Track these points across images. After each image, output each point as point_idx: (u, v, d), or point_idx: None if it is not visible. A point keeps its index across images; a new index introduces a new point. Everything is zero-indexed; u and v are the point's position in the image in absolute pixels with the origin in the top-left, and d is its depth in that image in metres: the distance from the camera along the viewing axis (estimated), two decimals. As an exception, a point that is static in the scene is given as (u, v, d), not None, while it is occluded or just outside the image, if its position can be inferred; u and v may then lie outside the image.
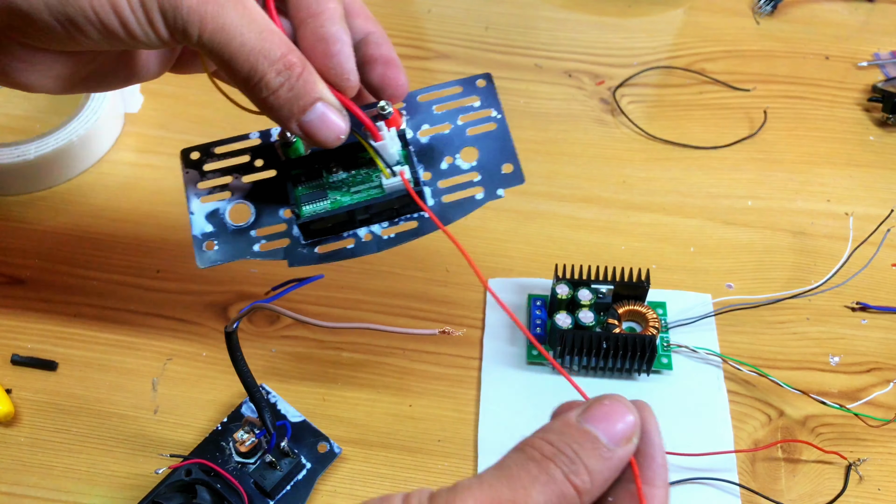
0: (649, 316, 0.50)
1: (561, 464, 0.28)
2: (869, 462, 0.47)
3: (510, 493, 0.27)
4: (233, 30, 0.34)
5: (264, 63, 0.35)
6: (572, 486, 0.27)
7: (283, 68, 0.35)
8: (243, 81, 0.35)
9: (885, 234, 0.55)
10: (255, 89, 0.35)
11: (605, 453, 0.28)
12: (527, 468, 0.28)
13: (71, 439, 0.47)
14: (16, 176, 0.57)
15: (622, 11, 0.74)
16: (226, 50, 0.34)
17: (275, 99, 0.36)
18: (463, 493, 0.26)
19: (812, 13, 0.74)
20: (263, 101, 0.36)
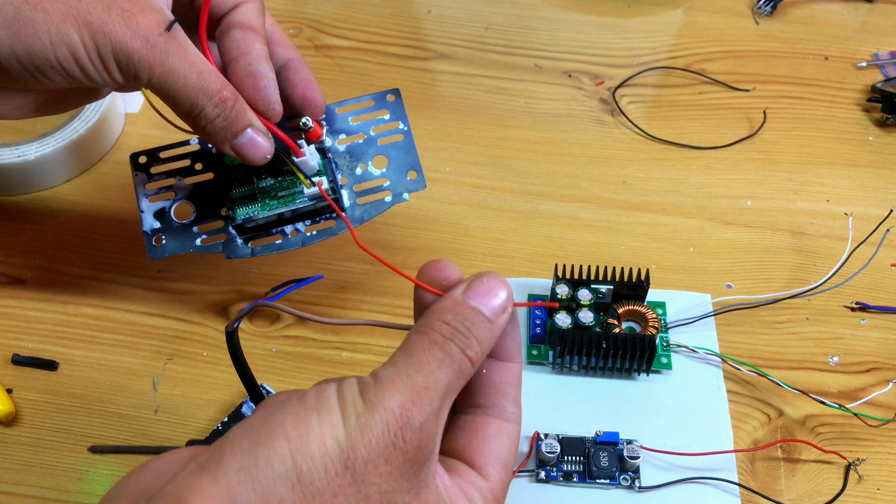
0: (649, 316, 0.50)
1: (458, 342, 0.32)
2: (868, 462, 0.47)
3: (423, 380, 0.31)
4: (177, 73, 0.39)
5: (203, 98, 0.40)
6: (468, 360, 0.32)
7: (219, 102, 0.41)
8: (186, 114, 0.41)
9: (885, 234, 0.55)
10: (196, 120, 0.41)
11: (489, 325, 0.33)
12: (432, 352, 0.32)
13: (71, 439, 0.47)
14: (16, 176, 0.57)
15: (622, 12, 0.74)
16: (171, 90, 0.40)
17: (212, 127, 0.42)
18: (389, 388, 0.31)
19: (811, 13, 0.74)
20: (202, 129, 0.42)
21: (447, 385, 0.32)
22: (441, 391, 0.31)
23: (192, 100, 0.40)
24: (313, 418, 0.30)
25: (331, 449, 0.29)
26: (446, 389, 0.32)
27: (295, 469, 0.29)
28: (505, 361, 0.36)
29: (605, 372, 0.50)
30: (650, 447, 0.46)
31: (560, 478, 0.46)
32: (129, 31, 0.38)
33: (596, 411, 0.49)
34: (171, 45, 0.39)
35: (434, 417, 0.31)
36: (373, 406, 0.30)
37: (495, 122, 0.64)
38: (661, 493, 0.46)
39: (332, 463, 0.29)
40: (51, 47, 0.37)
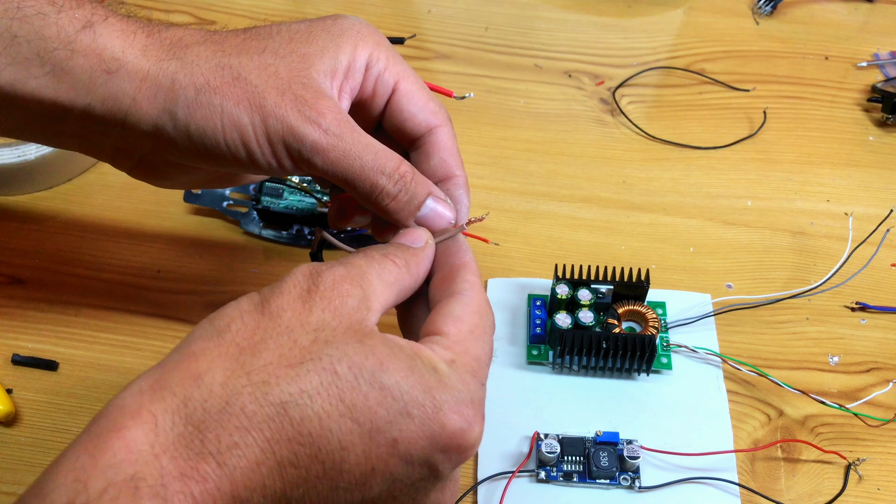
0: (649, 316, 0.50)
1: (394, 257, 0.37)
2: (868, 462, 0.47)
3: (343, 268, 0.34)
4: (352, 156, 0.38)
5: (382, 179, 0.39)
6: (390, 260, 0.36)
7: (399, 178, 0.39)
8: (366, 195, 0.39)
9: (885, 234, 0.55)
10: (378, 200, 0.40)
11: (413, 251, 0.38)
12: (371, 260, 0.36)
13: (71, 439, 0.47)
14: (16, 176, 0.57)
15: (622, 12, 0.74)
16: (348, 173, 0.39)
17: (395, 204, 0.40)
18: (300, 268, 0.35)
19: (811, 13, 0.74)
20: (385, 207, 0.40)
21: (363, 265, 0.35)
22: (355, 265, 0.35)
23: (372, 180, 0.39)
24: (230, 302, 0.34)
25: (245, 305, 0.33)
26: (362, 266, 0.35)
27: (212, 328, 0.32)
28: (453, 263, 0.39)
29: (605, 372, 0.50)
30: (650, 447, 0.46)
31: (560, 478, 0.46)
32: (302, 116, 0.37)
33: (596, 411, 0.49)
34: (346, 127, 0.38)
35: (347, 277, 0.34)
36: (283, 278, 0.34)
37: (495, 122, 0.64)
38: (661, 493, 0.46)
39: (246, 313, 0.32)
40: (221, 129, 0.38)
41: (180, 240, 0.56)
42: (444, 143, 0.42)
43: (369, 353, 0.32)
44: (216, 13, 0.72)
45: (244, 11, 0.72)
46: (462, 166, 0.43)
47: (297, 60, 0.39)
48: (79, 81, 0.38)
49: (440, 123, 0.42)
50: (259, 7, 0.73)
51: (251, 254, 0.56)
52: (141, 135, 0.39)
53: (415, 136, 0.42)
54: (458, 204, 0.42)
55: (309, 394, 0.30)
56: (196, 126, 0.38)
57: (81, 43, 0.37)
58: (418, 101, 0.42)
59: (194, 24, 0.71)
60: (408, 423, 0.31)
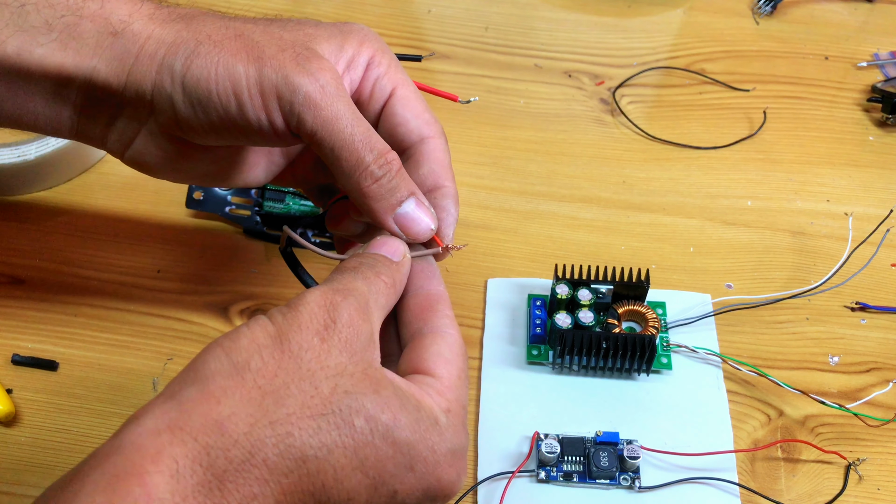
0: (649, 316, 0.50)
1: (367, 266, 0.37)
2: (868, 462, 0.47)
3: (341, 285, 0.35)
4: (343, 121, 0.37)
5: (369, 155, 0.38)
6: (380, 279, 0.36)
7: (385, 162, 0.38)
8: (348, 170, 0.38)
9: (885, 234, 0.55)
10: (360, 178, 0.38)
11: (390, 262, 0.38)
12: (346, 272, 0.36)
13: (71, 439, 0.47)
14: (16, 176, 0.57)
15: (622, 12, 0.74)
16: (336, 139, 0.37)
17: (377, 188, 0.38)
18: (310, 293, 0.34)
19: (811, 13, 0.74)
20: (366, 190, 0.38)
21: (366, 291, 0.35)
22: (361, 293, 0.35)
23: (358, 154, 0.38)
24: (242, 329, 0.32)
25: (261, 338, 0.32)
26: (366, 294, 0.35)
27: (230, 363, 0.31)
28: (428, 290, 0.39)
29: (605, 372, 0.50)
30: (650, 447, 0.46)
31: (560, 478, 0.46)
32: (299, 67, 0.37)
33: (596, 411, 0.49)
34: (342, 91, 0.38)
35: (360, 310, 0.34)
36: (296, 305, 0.33)
37: (495, 122, 0.64)
38: (661, 493, 0.46)
39: (265, 348, 0.32)
40: (214, 79, 0.37)
41: (180, 240, 0.56)
42: (436, 154, 0.42)
43: (385, 406, 0.32)
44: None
45: (244, 11, 0.72)
46: (453, 179, 0.42)
47: (303, 36, 0.39)
48: (85, 45, 0.38)
49: (433, 135, 0.42)
50: (259, 6, 0.73)
51: (251, 254, 0.56)
52: (140, 97, 0.38)
53: (407, 144, 0.42)
54: (445, 213, 0.41)
55: (328, 447, 0.30)
56: (191, 76, 0.37)
57: (89, 9, 0.38)
58: (413, 108, 0.42)
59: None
60: (409, 477, 0.32)
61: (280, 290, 0.54)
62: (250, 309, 0.53)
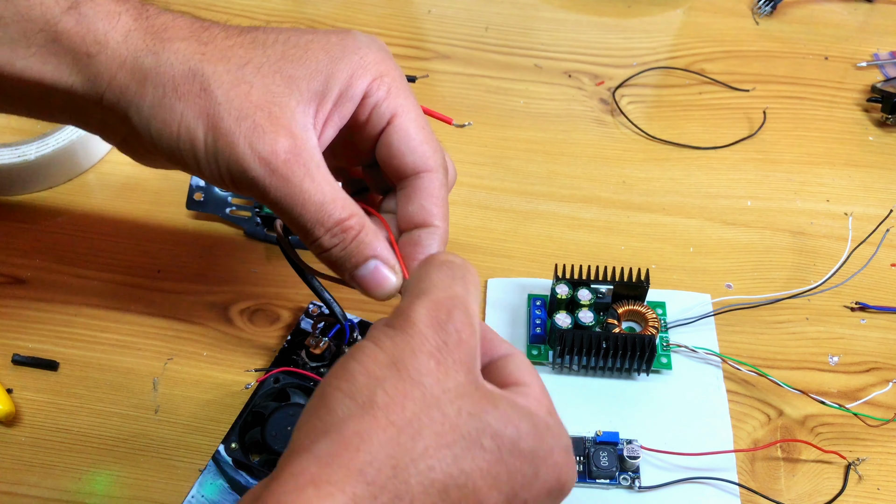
0: (649, 316, 0.50)
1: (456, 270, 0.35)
2: (868, 461, 0.47)
3: (442, 293, 0.33)
4: (292, 201, 0.38)
5: (319, 230, 0.38)
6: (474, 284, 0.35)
7: (339, 231, 0.38)
8: (302, 238, 0.39)
9: (885, 234, 0.55)
10: (312, 247, 0.39)
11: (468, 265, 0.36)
12: (441, 273, 0.34)
13: (71, 439, 0.47)
14: (16, 176, 0.57)
15: (622, 12, 0.74)
16: (286, 214, 0.38)
17: (327, 256, 0.39)
18: (413, 307, 0.32)
19: (811, 13, 0.74)
20: (319, 257, 0.40)
21: (465, 297, 0.33)
22: (462, 301, 0.33)
23: (307, 228, 0.38)
24: (351, 363, 0.31)
25: (377, 370, 0.31)
26: (466, 301, 0.33)
27: (356, 405, 0.30)
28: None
29: (605, 372, 0.50)
30: (650, 447, 0.46)
31: (560, 478, 0.46)
32: (250, 150, 0.37)
33: (596, 411, 0.49)
34: (294, 169, 0.37)
35: (467, 324, 0.32)
36: (403, 326, 0.32)
37: (495, 122, 0.64)
38: (661, 493, 0.46)
39: (385, 380, 0.30)
40: (177, 136, 0.38)
41: (180, 240, 0.56)
42: (429, 189, 0.40)
43: (506, 421, 0.31)
44: (216, 13, 0.72)
45: (244, 11, 0.72)
46: (444, 217, 0.41)
47: (279, 83, 0.38)
48: (62, 63, 0.38)
49: (429, 169, 0.40)
50: (259, 7, 0.73)
51: (251, 254, 0.56)
52: (116, 118, 0.39)
53: (401, 176, 0.41)
54: (425, 254, 0.40)
55: (467, 473, 0.30)
56: (156, 126, 0.38)
57: (65, 24, 0.37)
58: (411, 140, 0.40)
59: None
60: (536, 483, 0.32)
61: (280, 290, 0.54)
62: (250, 309, 0.53)
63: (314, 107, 0.39)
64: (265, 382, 0.47)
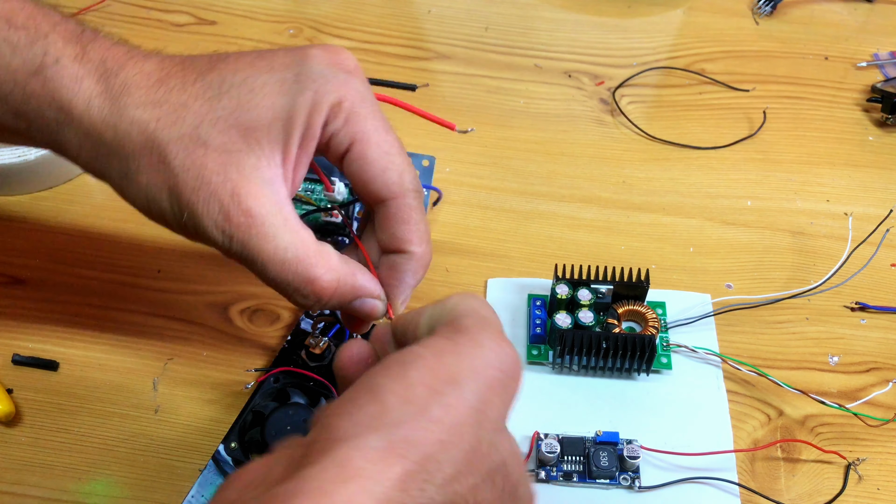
0: (649, 316, 0.50)
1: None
2: (868, 461, 0.47)
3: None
4: (258, 263, 0.38)
5: (290, 290, 0.38)
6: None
7: (311, 294, 0.38)
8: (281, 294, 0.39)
9: (885, 234, 0.55)
10: (291, 301, 0.39)
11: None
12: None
13: (71, 439, 0.47)
14: (16, 176, 0.57)
15: (622, 12, 0.74)
16: (256, 273, 0.39)
17: (305, 306, 0.40)
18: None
19: (811, 13, 0.74)
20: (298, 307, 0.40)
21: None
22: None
23: (276, 288, 0.38)
24: (408, 366, 0.31)
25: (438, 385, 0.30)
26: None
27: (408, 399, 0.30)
28: None
29: (605, 372, 0.50)
30: (650, 447, 0.46)
31: (560, 478, 0.46)
32: (209, 219, 0.37)
33: (596, 411, 0.49)
34: (252, 234, 0.37)
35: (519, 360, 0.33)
36: (469, 345, 0.31)
37: (495, 122, 0.64)
38: (661, 493, 0.46)
39: (444, 395, 0.30)
40: (147, 205, 0.38)
41: (180, 240, 0.55)
42: (398, 216, 0.40)
43: (516, 464, 0.32)
44: (216, 13, 0.72)
45: (244, 11, 0.72)
46: (420, 240, 0.40)
47: (236, 139, 0.37)
48: (34, 125, 0.38)
49: (394, 195, 0.39)
50: (259, 7, 0.73)
51: (251, 254, 0.56)
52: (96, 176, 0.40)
53: (371, 202, 0.40)
54: (398, 282, 0.40)
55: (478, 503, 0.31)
56: (128, 195, 0.39)
57: (33, 88, 0.37)
58: (371, 168, 0.39)
59: (194, 24, 0.71)
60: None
61: (280, 290, 0.54)
62: (250, 309, 0.53)
63: (279, 156, 0.38)
64: (265, 382, 0.47)
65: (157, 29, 0.70)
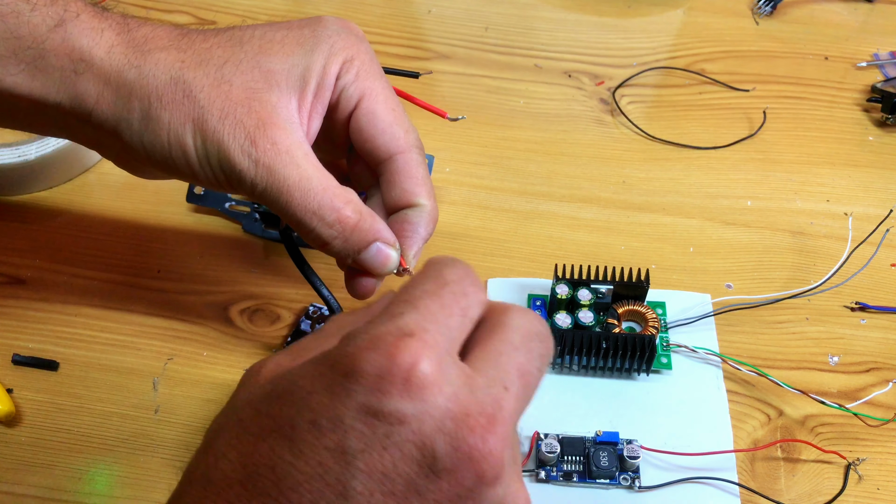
0: (649, 316, 0.50)
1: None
2: (868, 461, 0.47)
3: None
4: (280, 192, 0.38)
5: (314, 220, 0.39)
6: None
7: (336, 223, 0.39)
8: (301, 232, 0.39)
9: (885, 234, 0.55)
10: (310, 239, 0.40)
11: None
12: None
13: (71, 439, 0.47)
14: (16, 176, 0.57)
15: (621, 12, 0.74)
16: (278, 209, 0.39)
17: (329, 248, 0.40)
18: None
19: (811, 14, 0.74)
20: (321, 249, 0.40)
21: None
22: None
23: (301, 220, 0.38)
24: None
25: None
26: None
27: None
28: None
29: (605, 372, 0.50)
30: (650, 447, 0.46)
31: (560, 478, 0.46)
32: (235, 145, 0.38)
33: (596, 411, 0.49)
34: (277, 158, 0.38)
35: None
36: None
37: (495, 122, 0.64)
38: (661, 493, 0.46)
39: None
40: (168, 146, 0.38)
41: (180, 240, 0.56)
42: (406, 170, 0.41)
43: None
44: (216, 13, 0.72)
45: (244, 11, 0.72)
46: (429, 194, 0.41)
47: (258, 78, 0.39)
48: (51, 80, 0.38)
49: (402, 150, 0.41)
50: (259, 7, 0.73)
51: (251, 253, 0.56)
52: (107, 133, 0.40)
53: (377, 161, 0.41)
54: (411, 233, 0.41)
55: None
56: (147, 138, 0.39)
57: (52, 42, 0.38)
58: (380, 122, 0.40)
59: (194, 24, 0.71)
60: None
61: (280, 290, 0.54)
62: (250, 309, 0.53)
63: (295, 100, 0.39)
64: None
65: (157, 29, 0.70)
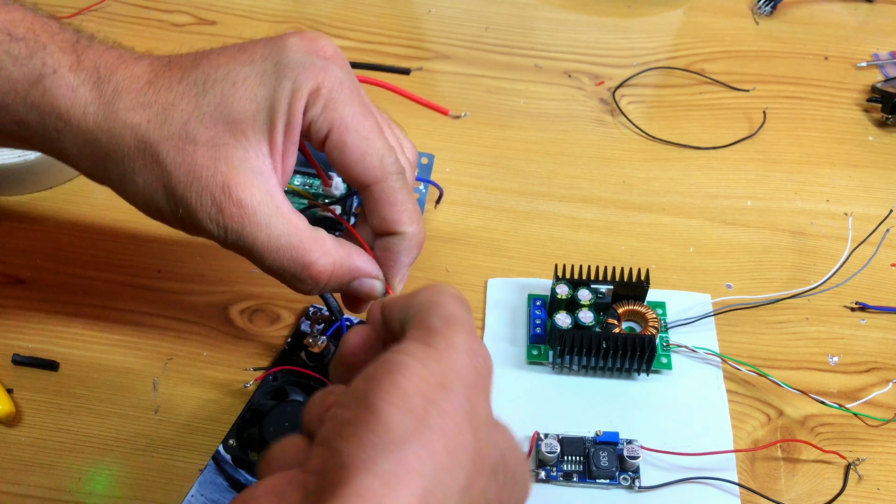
0: (649, 316, 0.50)
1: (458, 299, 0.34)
2: (868, 461, 0.47)
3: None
4: (252, 252, 0.39)
5: (288, 276, 0.39)
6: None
7: (309, 279, 0.39)
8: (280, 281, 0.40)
9: (885, 234, 0.55)
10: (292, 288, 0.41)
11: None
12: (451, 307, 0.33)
13: (72, 439, 0.47)
14: (16, 176, 0.57)
15: (621, 12, 0.74)
16: (253, 262, 0.39)
17: (305, 291, 0.41)
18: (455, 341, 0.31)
19: (811, 13, 0.74)
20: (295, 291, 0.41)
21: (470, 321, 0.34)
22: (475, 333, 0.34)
23: (274, 273, 0.39)
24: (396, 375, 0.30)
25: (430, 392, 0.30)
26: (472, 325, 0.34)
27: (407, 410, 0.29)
28: None
29: (605, 372, 0.50)
30: (650, 447, 0.46)
31: (560, 478, 0.46)
32: (203, 212, 0.38)
33: (596, 411, 0.49)
34: (245, 223, 0.38)
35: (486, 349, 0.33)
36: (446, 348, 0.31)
37: (495, 122, 0.64)
38: (661, 493, 0.46)
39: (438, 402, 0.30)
40: (146, 205, 0.40)
41: (180, 240, 0.56)
42: (384, 198, 0.40)
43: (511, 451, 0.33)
44: (216, 13, 0.72)
45: (244, 11, 0.72)
46: (410, 220, 0.41)
47: (223, 132, 0.38)
48: (36, 134, 0.40)
49: (377, 179, 0.40)
50: (259, 7, 0.73)
51: (251, 254, 0.56)
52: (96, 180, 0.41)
53: (357, 187, 0.41)
54: (392, 262, 0.41)
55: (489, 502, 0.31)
56: (128, 195, 0.40)
57: (33, 98, 0.39)
58: (350, 154, 0.39)
59: (194, 24, 0.71)
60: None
61: (280, 290, 0.53)
62: (250, 309, 0.53)
63: (266, 145, 0.39)
64: (264, 381, 0.47)
65: (157, 29, 0.70)
